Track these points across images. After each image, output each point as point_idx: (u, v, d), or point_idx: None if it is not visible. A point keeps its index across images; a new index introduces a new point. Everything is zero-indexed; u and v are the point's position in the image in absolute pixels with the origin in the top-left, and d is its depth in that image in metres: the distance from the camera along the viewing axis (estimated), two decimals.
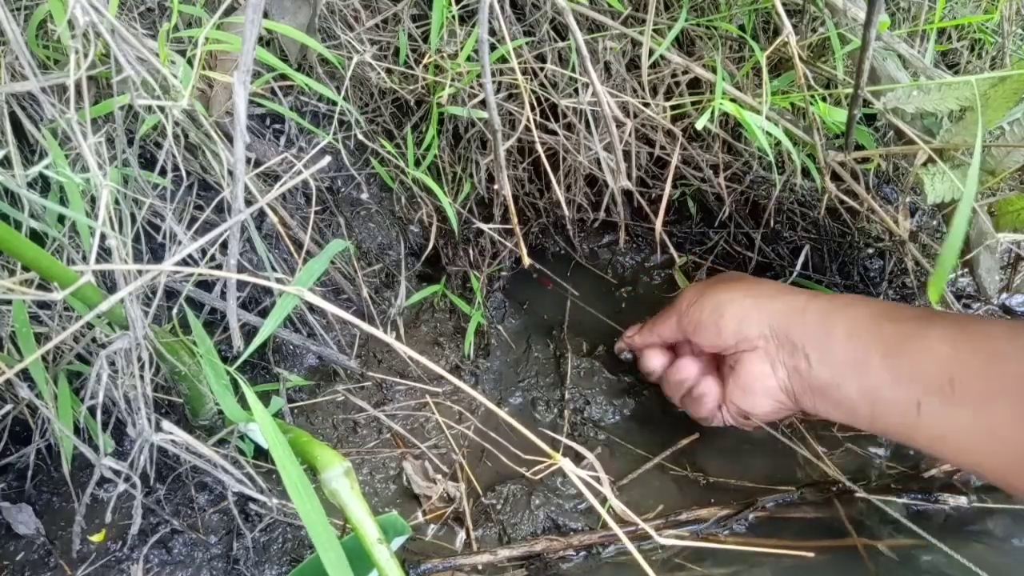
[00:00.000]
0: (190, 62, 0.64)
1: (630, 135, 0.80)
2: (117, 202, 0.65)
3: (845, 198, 0.83)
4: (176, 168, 0.71)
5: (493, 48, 0.75)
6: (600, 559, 0.78)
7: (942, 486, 0.85)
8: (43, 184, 0.69)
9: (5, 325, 0.68)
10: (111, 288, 0.75)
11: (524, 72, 0.81)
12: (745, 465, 0.88)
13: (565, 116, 0.84)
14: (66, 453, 0.68)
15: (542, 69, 0.81)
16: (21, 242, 0.51)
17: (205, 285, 0.80)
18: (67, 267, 0.53)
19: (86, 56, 0.55)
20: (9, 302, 0.67)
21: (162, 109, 0.62)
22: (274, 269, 0.80)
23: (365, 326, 0.38)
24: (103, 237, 0.60)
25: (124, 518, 0.75)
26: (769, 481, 0.86)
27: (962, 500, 0.83)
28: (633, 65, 0.84)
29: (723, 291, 0.79)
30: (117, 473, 0.67)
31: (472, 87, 0.77)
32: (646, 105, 0.80)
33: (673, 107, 0.83)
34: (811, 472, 0.87)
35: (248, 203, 0.70)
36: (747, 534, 0.81)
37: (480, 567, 0.76)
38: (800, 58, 0.69)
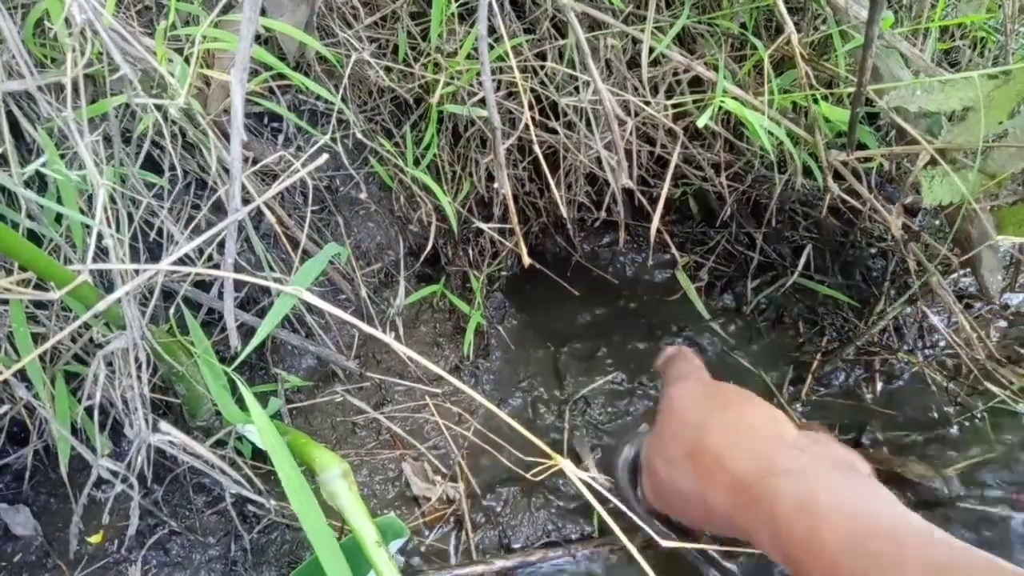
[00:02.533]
0: (187, 60, 0.63)
1: (631, 134, 0.80)
2: (114, 201, 0.64)
3: (847, 198, 0.82)
4: (173, 167, 0.71)
5: (492, 46, 0.74)
6: (605, 560, 0.77)
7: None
8: (40, 184, 0.69)
9: (3, 326, 0.67)
10: (108, 288, 0.74)
11: (524, 70, 0.80)
12: None
13: (566, 115, 0.83)
14: (63, 453, 0.68)
15: (542, 67, 0.80)
16: (18, 241, 0.50)
17: (202, 285, 0.79)
18: (64, 266, 0.52)
19: (83, 54, 0.55)
20: (6, 302, 0.66)
21: (159, 108, 0.62)
22: (272, 269, 0.79)
23: (363, 326, 0.37)
24: (99, 236, 0.59)
25: (122, 519, 0.75)
26: None
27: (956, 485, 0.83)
28: (634, 63, 0.83)
29: None
30: (115, 474, 0.67)
31: (471, 85, 0.77)
32: (647, 103, 0.80)
33: (674, 105, 0.82)
34: None
35: (245, 202, 0.69)
36: None
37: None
38: (802, 56, 0.69)
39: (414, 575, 0.74)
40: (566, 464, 0.38)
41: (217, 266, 0.75)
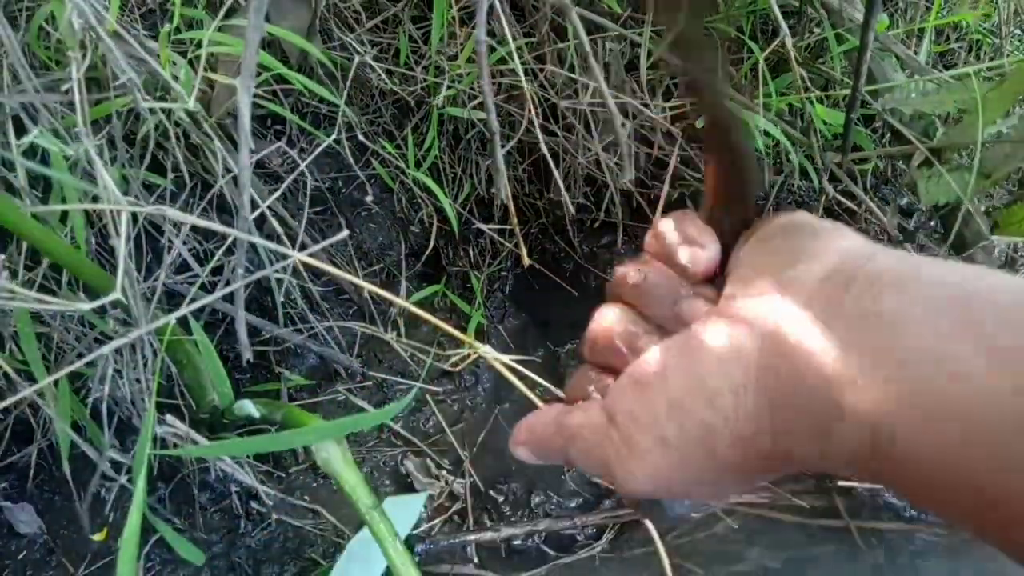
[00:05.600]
0: (191, 63, 0.64)
1: (629, 136, 0.81)
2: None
3: (843, 199, 0.83)
4: (177, 168, 0.72)
5: (493, 50, 0.75)
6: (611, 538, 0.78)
7: None
8: (44, 187, 0.70)
9: (8, 324, 0.68)
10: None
11: (524, 73, 0.81)
12: None
13: (565, 117, 0.84)
14: (64, 450, 0.69)
15: (542, 70, 0.81)
16: (57, 242, 0.51)
17: (204, 287, 0.80)
18: (101, 270, 0.53)
19: (85, 58, 0.55)
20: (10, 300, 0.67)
21: (164, 111, 0.63)
22: (272, 265, 0.80)
23: (367, 284, 0.38)
24: (105, 237, 0.60)
25: (126, 517, 0.75)
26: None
27: None
28: (632, 66, 0.84)
29: None
30: (118, 469, 0.67)
31: (472, 88, 0.78)
32: (645, 106, 0.80)
33: (672, 108, 0.83)
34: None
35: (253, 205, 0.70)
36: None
37: (484, 564, 0.76)
38: (797, 60, 0.70)
39: (422, 539, 0.75)
40: (485, 349, 0.38)
41: (222, 268, 0.76)
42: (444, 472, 0.83)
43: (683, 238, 0.26)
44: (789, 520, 0.82)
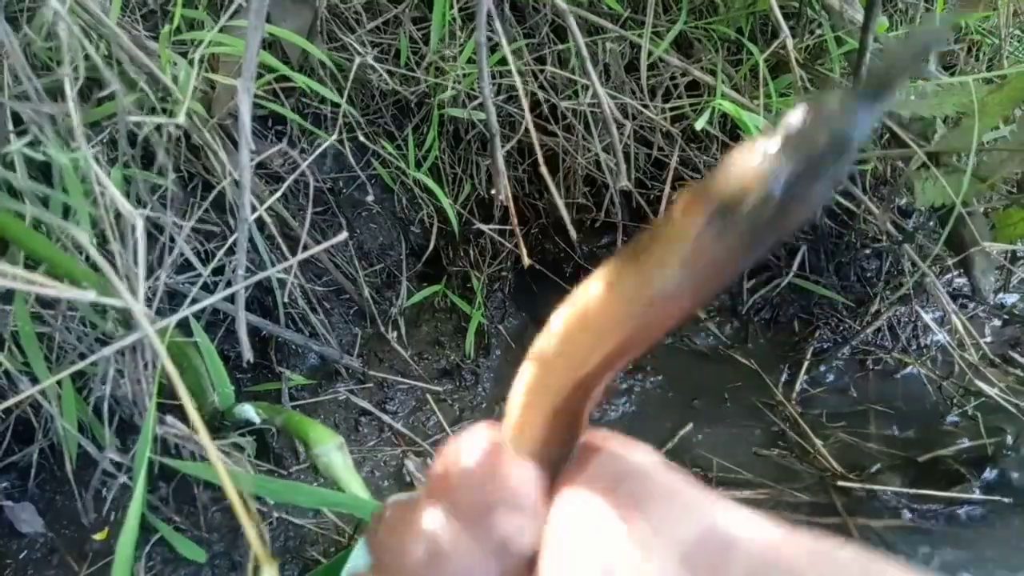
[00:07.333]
0: (192, 64, 0.64)
1: (629, 136, 0.81)
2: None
3: (842, 199, 0.84)
4: (179, 169, 0.72)
5: (493, 50, 0.75)
6: None
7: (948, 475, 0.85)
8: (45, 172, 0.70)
9: (7, 324, 0.68)
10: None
11: (524, 73, 0.81)
12: (744, 457, 0.89)
13: (565, 118, 0.84)
14: (70, 451, 0.69)
15: (542, 71, 0.81)
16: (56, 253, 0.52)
17: (204, 286, 0.80)
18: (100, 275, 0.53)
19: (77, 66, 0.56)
20: (10, 301, 0.67)
21: (165, 112, 0.63)
22: (273, 266, 0.80)
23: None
24: (104, 239, 0.61)
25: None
26: (773, 469, 0.87)
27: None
28: (632, 67, 0.84)
29: None
30: (119, 467, 0.68)
31: (472, 89, 0.78)
32: (645, 107, 0.81)
33: (672, 108, 0.83)
34: (810, 463, 0.88)
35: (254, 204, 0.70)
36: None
37: None
38: (797, 61, 0.70)
39: None
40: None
41: (223, 268, 0.76)
42: None
43: (493, 495, 0.18)
44: (787, 517, 0.82)
